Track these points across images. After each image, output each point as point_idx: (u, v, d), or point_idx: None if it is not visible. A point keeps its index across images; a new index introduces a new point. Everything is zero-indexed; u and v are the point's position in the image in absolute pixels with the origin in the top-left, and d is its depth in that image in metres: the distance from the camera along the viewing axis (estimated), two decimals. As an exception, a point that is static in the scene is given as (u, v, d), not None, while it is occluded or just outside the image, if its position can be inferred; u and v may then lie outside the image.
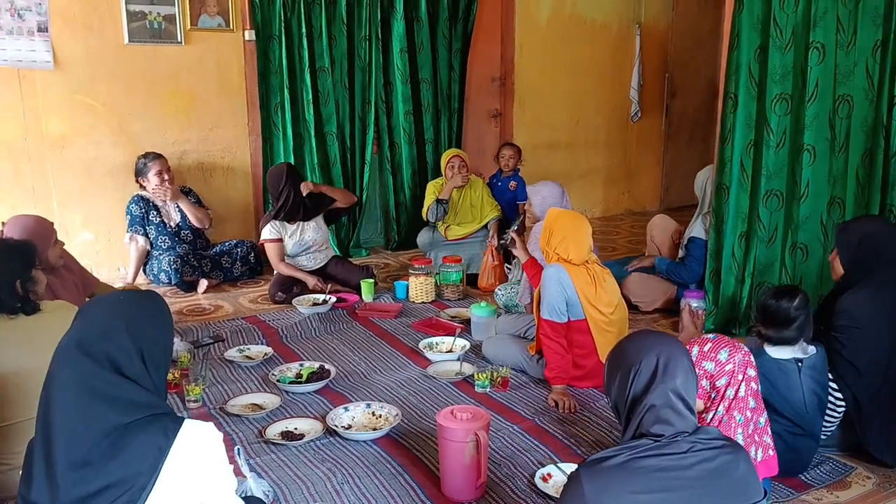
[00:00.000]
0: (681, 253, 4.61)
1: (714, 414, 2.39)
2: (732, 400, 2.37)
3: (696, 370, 2.37)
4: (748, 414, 2.39)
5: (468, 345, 3.90)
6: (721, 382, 2.36)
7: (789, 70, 3.79)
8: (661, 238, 4.80)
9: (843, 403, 2.84)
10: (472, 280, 5.16)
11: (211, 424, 1.72)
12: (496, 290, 4.69)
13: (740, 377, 2.37)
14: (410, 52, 5.95)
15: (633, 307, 4.39)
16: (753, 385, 2.40)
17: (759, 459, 2.43)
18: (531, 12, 6.83)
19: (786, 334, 2.70)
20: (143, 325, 1.69)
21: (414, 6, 5.91)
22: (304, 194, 4.80)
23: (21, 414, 2.43)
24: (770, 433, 2.49)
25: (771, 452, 2.46)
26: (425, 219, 5.41)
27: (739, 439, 2.37)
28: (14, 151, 4.87)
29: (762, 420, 2.44)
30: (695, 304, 4.12)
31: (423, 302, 4.76)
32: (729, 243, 4.15)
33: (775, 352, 2.72)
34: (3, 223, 3.47)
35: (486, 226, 5.41)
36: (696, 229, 4.44)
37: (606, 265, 3.69)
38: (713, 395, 2.39)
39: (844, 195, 3.65)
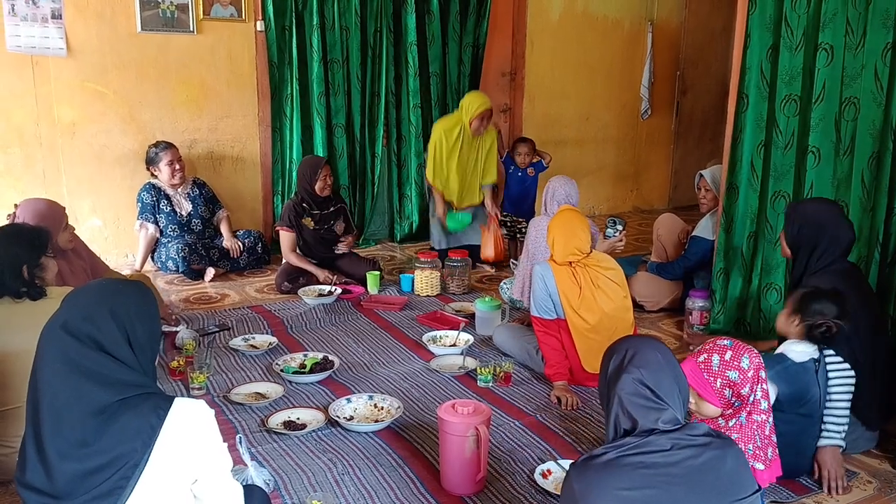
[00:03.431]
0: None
1: (737, 420, 2.40)
2: (752, 404, 2.39)
3: (718, 380, 2.38)
4: (762, 417, 2.41)
5: (472, 339, 3.91)
6: (746, 391, 2.36)
7: (798, 71, 3.77)
8: (668, 237, 4.79)
9: (852, 372, 2.77)
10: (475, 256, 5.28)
11: (202, 402, 1.74)
12: (501, 284, 4.71)
13: (756, 380, 2.39)
14: (421, 45, 5.96)
15: (638, 306, 4.39)
16: (764, 386, 2.41)
17: (769, 458, 2.45)
18: (543, 8, 6.82)
19: (820, 328, 2.71)
20: (128, 311, 1.71)
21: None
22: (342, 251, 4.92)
23: (22, 398, 2.44)
24: (774, 434, 2.50)
25: (776, 452, 2.48)
26: (427, 181, 5.42)
27: (752, 446, 2.39)
28: (26, 137, 4.91)
29: (770, 419, 2.45)
30: (700, 304, 4.12)
31: (428, 295, 4.77)
32: (738, 243, 4.14)
33: (798, 356, 2.72)
34: (15, 206, 3.50)
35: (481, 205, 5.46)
36: (702, 228, 4.44)
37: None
38: (735, 403, 2.39)
39: (848, 198, 3.64)
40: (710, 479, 1.70)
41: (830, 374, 2.73)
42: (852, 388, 2.74)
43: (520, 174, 5.57)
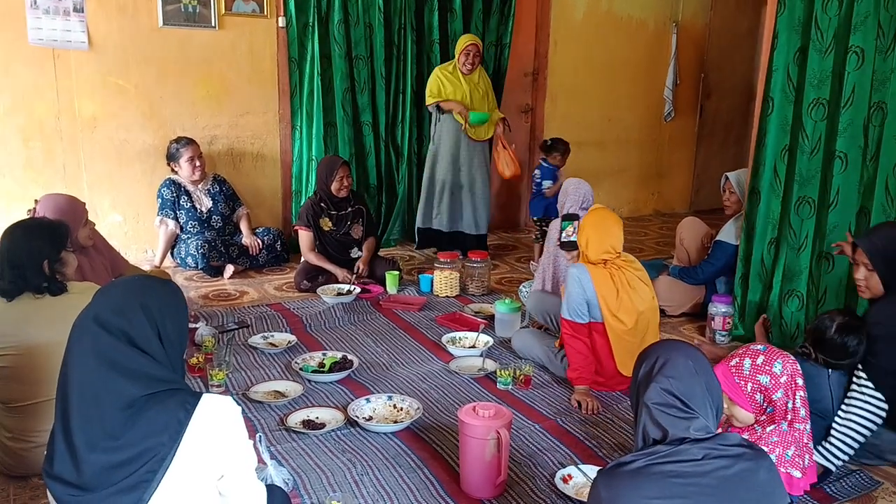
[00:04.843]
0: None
1: (775, 427, 2.36)
2: (792, 411, 2.35)
3: (749, 384, 2.34)
4: (802, 426, 2.38)
5: (491, 341, 3.88)
6: (778, 396, 2.33)
7: (828, 75, 3.70)
8: (691, 241, 4.72)
9: (885, 406, 2.72)
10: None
11: (229, 398, 1.75)
12: (520, 287, 4.68)
13: (793, 387, 2.35)
14: (443, 43, 5.93)
15: (659, 311, 4.32)
16: (801, 394, 2.38)
17: (806, 465, 2.42)
18: (567, 8, 6.78)
19: (842, 364, 2.72)
20: (159, 307, 1.71)
21: (449, -3, 5.89)
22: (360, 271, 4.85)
23: (44, 393, 2.46)
24: (812, 441, 2.47)
25: (815, 458, 2.44)
26: (428, 105, 5.56)
27: (791, 452, 2.35)
28: (47, 131, 4.92)
29: (808, 427, 2.41)
30: (723, 310, 4.06)
31: (447, 296, 4.74)
32: (759, 249, 4.09)
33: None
34: (35, 201, 3.49)
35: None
36: (726, 232, 4.38)
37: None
38: (768, 409, 2.36)
39: (871, 205, 3.57)
40: (742, 491, 1.66)
41: (854, 396, 2.69)
42: (875, 420, 2.70)
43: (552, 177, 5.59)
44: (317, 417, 3.04)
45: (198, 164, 5.04)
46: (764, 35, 4.04)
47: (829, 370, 2.67)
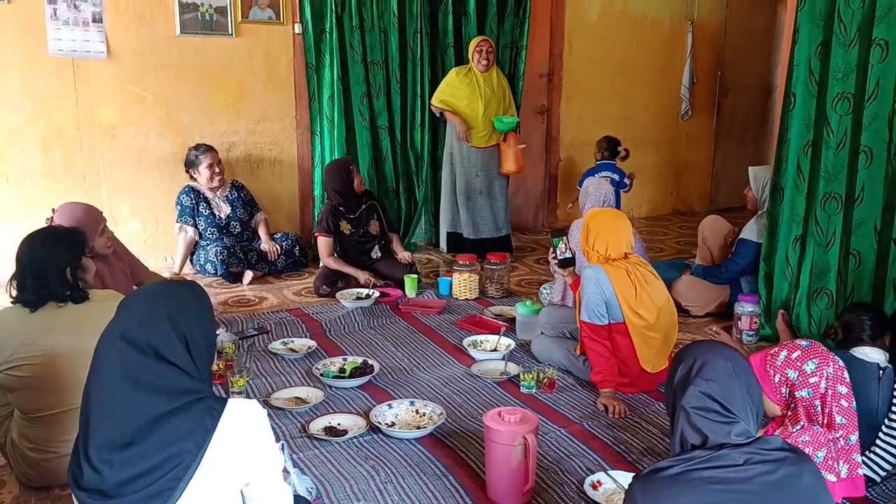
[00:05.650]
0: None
1: (805, 426, 2.32)
2: (820, 415, 2.29)
3: (777, 376, 2.30)
4: (839, 433, 2.33)
5: (513, 344, 3.84)
6: (802, 393, 2.28)
7: (852, 68, 3.64)
8: (714, 239, 4.66)
9: None
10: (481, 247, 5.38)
11: (255, 401, 1.73)
12: (541, 288, 4.64)
13: (830, 392, 2.29)
14: (457, 47, 5.90)
15: (683, 311, 4.28)
16: (843, 402, 2.31)
17: (843, 475, 2.36)
18: (582, 8, 6.74)
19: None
20: (185, 314, 1.69)
21: (462, 1, 5.85)
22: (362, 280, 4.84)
23: (66, 402, 2.44)
24: (859, 452, 2.39)
25: (860, 472, 2.37)
26: (434, 108, 5.59)
27: (821, 454, 2.30)
28: (66, 139, 4.94)
29: (853, 438, 2.34)
30: (749, 309, 4.01)
31: (466, 299, 4.70)
32: (783, 247, 4.02)
33: (864, 356, 2.64)
34: (53, 210, 3.49)
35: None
36: (749, 230, 4.32)
37: (654, 266, 3.59)
38: (792, 405, 2.31)
39: (894, 199, 3.51)
40: (786, 497, 1.60)
41: None
42: None
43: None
44: (339, 424, 3.01)
45: (217, 170, 5.04)
46: (784, 31, 4.00)
47: (881, 372, 2.60)
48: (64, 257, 2.55)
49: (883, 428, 2.62)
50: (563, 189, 6.97)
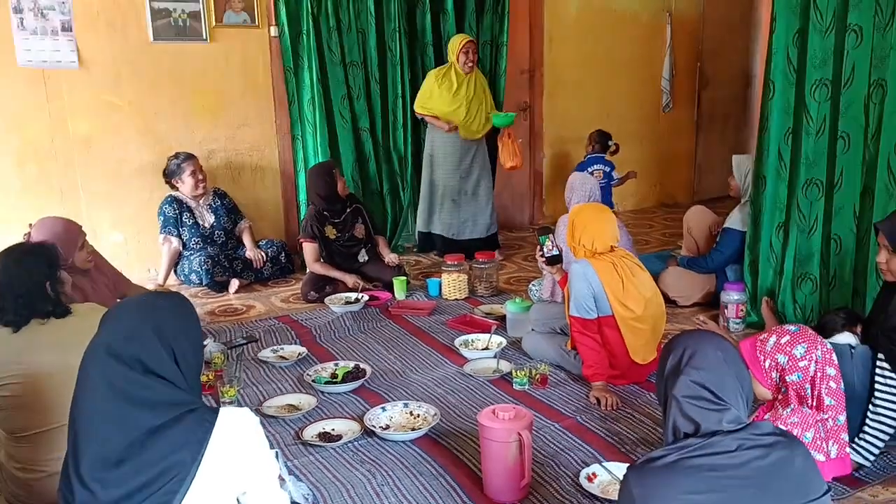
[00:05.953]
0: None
1: (795, 408, 2.34)
2: (809, 398, 2.30)
3: (767, 361, 2.32)
4: (827, 413, 2.35)
5: (504, 342, 3.82)
6: (793, 377, 2.30)
7: (830, 54, 3.66)
8: (699, 230, 4.68)
9: None
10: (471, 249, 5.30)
11: (247, 409, 1.71)
12: (530, 285, 4.62)
13: (818, 375, 2.30)
14: (437, 45, 5.87)
15: (670, 302, 4.29)
16: (832, 384, 2.34)
17: (833, 456, 2.38)
18: (560, 4, 6.73)
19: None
20: (171, 325, 1.66)
21: (440, -2, 5.84)
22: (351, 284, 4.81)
23: (52, 420, 2.39)
24: (847, 432, 2.40)
25: (848, 450, 2.38)
26: (418, 113, 5.58)
27: (810, 435, 2.30)
28: (41, 153, 4.86)
29: (841, 418, 2.37)
30: (735, 297, 4.02)
31: (456, 299, 4.69)
32: (767, 234, 4.05)
33: (833, 339, 2.71)
34: (30, 226, 3.43)
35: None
36: (733, 219, 4.33)
37: (641, 258, 3.60)
38: (782, 389, 2.33)
39: (874, 184, 3.53)
40: (780, 481, 1.61)
41: (881, 391, 2.63)
42: None
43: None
44: (333, 429, 2.98)
45: (200, 177, 4.99)
46: (762, 20, 4.00)
47: (852, 350, 2.63)
48: (41, 272, 2.49)
49: (869, 415, 2.65)
50: (549, 185, 6.96)
